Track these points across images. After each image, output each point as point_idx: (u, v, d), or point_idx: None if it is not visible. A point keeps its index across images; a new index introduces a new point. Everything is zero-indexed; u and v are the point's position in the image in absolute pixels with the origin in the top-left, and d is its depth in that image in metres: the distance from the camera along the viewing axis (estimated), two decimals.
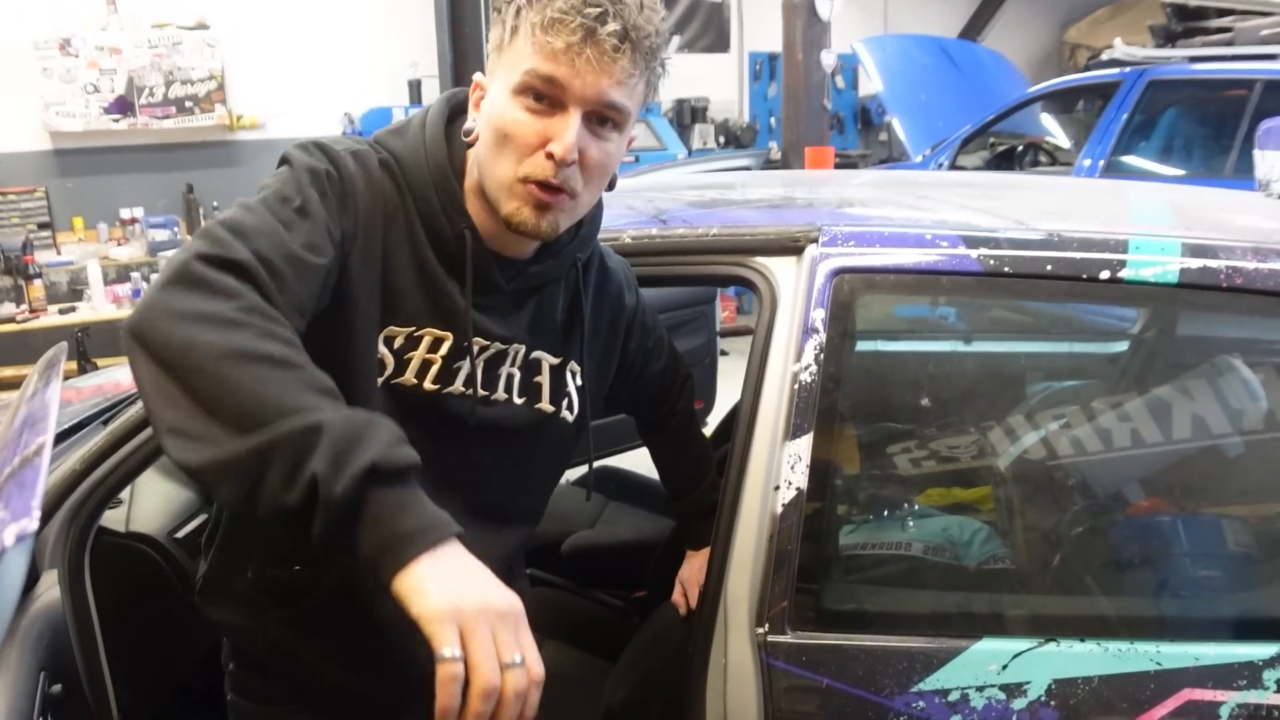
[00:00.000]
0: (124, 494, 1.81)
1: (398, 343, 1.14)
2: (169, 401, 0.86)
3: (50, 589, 1.42)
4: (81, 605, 1.46)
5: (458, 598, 0.83)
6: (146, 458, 1.49)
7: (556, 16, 1.05)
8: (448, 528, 0.86)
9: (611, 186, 1.23)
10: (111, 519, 1.74)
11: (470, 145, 1.16)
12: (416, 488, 0.88)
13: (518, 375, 1.23)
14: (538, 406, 1.26)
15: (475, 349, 1.18)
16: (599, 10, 1.05)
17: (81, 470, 1.48)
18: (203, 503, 1.99)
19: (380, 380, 1.14)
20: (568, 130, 1.07)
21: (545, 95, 1.07)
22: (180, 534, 1.88)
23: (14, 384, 4.74)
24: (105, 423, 1.75)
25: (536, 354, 1.25)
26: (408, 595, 0.83)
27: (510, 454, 1.26)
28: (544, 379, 1.26)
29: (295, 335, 0.94)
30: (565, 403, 1.28)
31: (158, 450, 1.46)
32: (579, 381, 1.30)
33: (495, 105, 1.11)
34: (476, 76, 1.17)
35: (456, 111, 1.22)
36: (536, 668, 0.85)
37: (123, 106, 7.72)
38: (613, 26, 1.05)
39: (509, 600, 0.86)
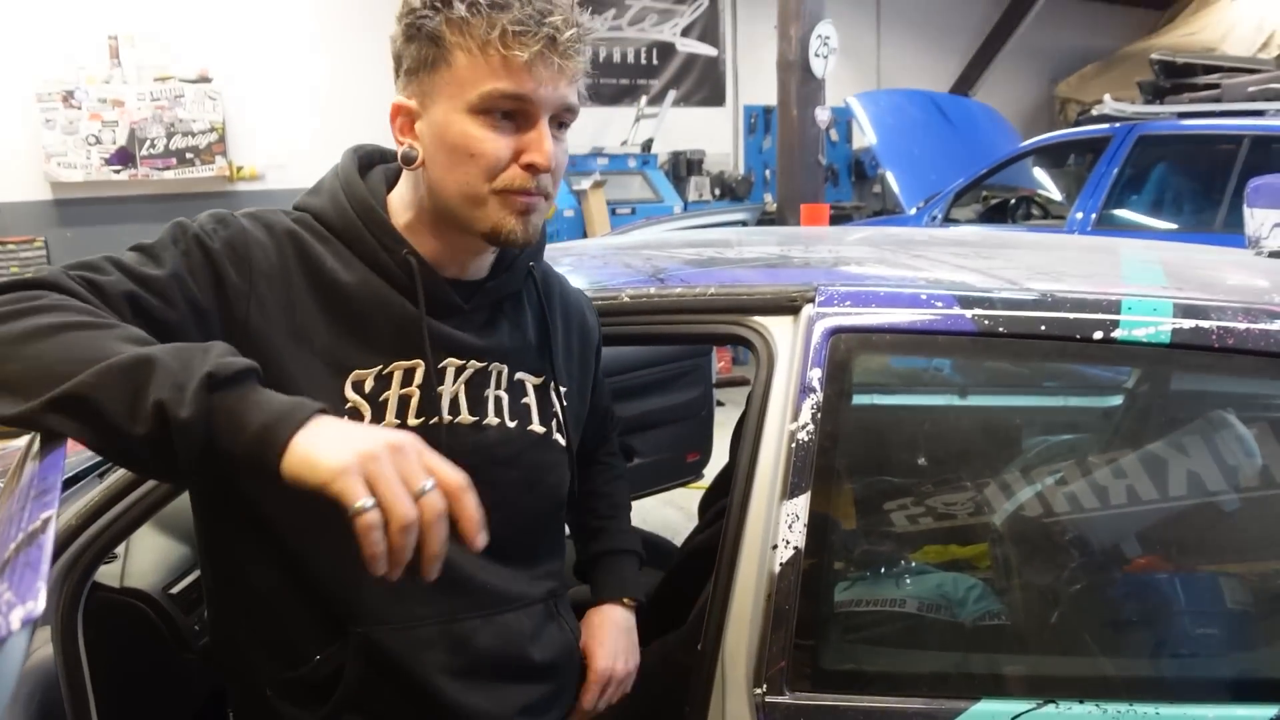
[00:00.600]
0: (119, 548, 1.80)
1: (368, 386, 1.10)
2: None
3: (42, 646, 1.41)
4: (74, 663, 1.45)
5: (348, 448, 0.83)
6: (143, 512, 1.48)
7: (518, 29, 1.04)
8: (310, 406, 0.87)
9: None
10: (106, 574, 1.73)
11: (397, 179, 1.17)
12: (261, 387, 0.89)
13: (505, 398, 1.19)
14: (530, 429, 1.21)
15: (452, 370, 1.15)
16: (558, 17, 1.05)
17: (77, 525, 1.47)
18: (197, 558, 1.97)
19: None
20: (544, 140, 1.07)
21: (510, 111, 1.07)
22: (175, 590, 1.86)
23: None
24: (101, 476, 1.75)
25: (519, 375, 1.21)
26: (300, 470, 0.84)
27: (514, 484, 1.20)
28: (530, 400, 1.22)
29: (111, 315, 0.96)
30: (555, 424, 1.24)
31: (155, 505, 1.46)
32: (563, 401, 1.26)
33: (450, 128, 1.08)
34: (396, 100, 1.16)
35: (365, 164, 1.22)
36: (452, 478, 0.86)
37: (124, 158, 7.79)
38: (570, 32, 1.06)
39: (399, 434, 0.87)
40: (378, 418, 1.11)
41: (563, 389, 1.26)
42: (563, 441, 1.25)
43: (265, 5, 8.41)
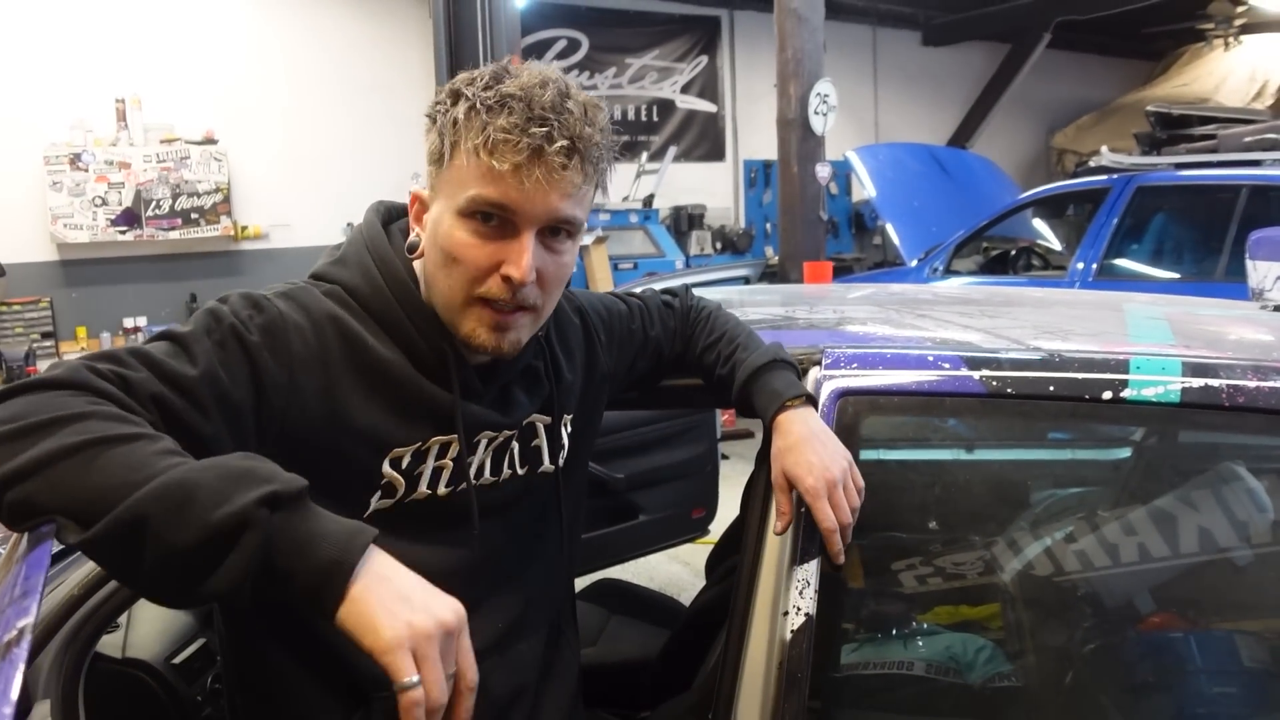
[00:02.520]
0: (121, 618, 1.78)
1: (405, 462, 1.12)
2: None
3: None
4: None
5: (406, 624, 0.83)
6: None
7: (500, 138, 1.01)
8: (364, 535, 0.86)
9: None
10: (108, 644, 1.71)
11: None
12: (315, 507, 0.87)
13: (518, 447, 1.23)
14: (540, 470, 1.26)
15: (484, 442, 1.18)
16: (544, 129, 1.02)
17: (79, 595, 1.46)
18: (200, 628, 1.95)
19: (392, 502, 1.12)
20: (523, 253, 1.05)
21: (494, 217, 1.05)
22: (178, 660, 1.84)
23: None
24: None
25: (530, 419, 1.25)
26: (356, 631, 0.84)
27: (526, 521, 1.27)
28: (541, 441, 1.26)
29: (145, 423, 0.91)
30: (561, 454, 1.29)
31: None
32: (569, 429, 1.31)
33: (440, 225, 1.08)
34: (414, 189, 1.15)
35: (386, 221, 1.21)
36: (470, 675, 0.87)
37: (130, 219, 7.86)
38: (560, 143, 1.02)
39: (452, 609, 0.87)
40: (411, 489, 1.13)
41: (568, 417, 1.31)
42: (566, 466, 1.30)
43: (270, 68, 8.55)
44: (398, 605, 0.84)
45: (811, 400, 1.31)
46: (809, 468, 1.23)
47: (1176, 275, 5.78)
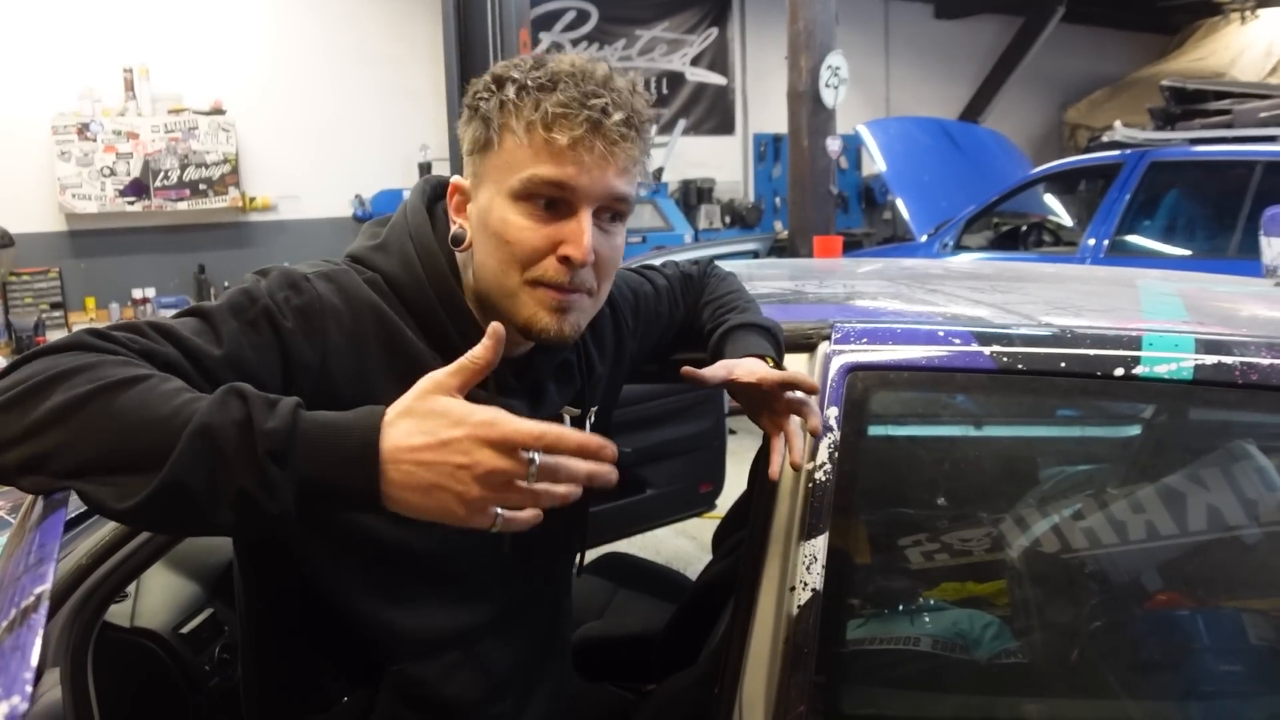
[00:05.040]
0: (129, 588, 1.79)
1: None
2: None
3: (51, 689, 1.39)
4: (84, 705, 1.43)
5: (435, 484, 0.80)
6: (154, 551, 1.47)
7: (560, 111, 1.00)
8: (373, 415, 0.83)
9: None
10: (116, 613, 1.72)
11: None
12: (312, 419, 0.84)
13: None
14: None
15: None
16: (602, 101, 1.01)
17: (88, 565, 1.46)
18: (208, 597, 1.96)
19: None
20: (583, 233, 1.02)
21: (552, 199, 1.03)
22: (186, 629, 1.85)
23: None
24: None
25: (558, 412, 1.24)
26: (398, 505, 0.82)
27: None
28: None
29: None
30: None
31: (166, 544, 1.45)
32: (592, 419, 1.30)
33: (491, 213, 1.06)
34: (454, 180, 1.13)
35: (432, 200, 1.18)
36: (557, 440, 0.82)
37: (138, 189, 7.86)
38: (617, 115, 1.01)
39: (463, 431, 0.81)
40: None
41: (594, 408, 1.30)
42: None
43: (278, 38, 8.51)
44: (426, 469, 0.80)
45: (779, 368, 1.29)
46: (764, 369, 1.24)
47: (1189, 252, 5.74)
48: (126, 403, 0.81)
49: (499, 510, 0.81)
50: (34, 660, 0.67)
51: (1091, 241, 5.88)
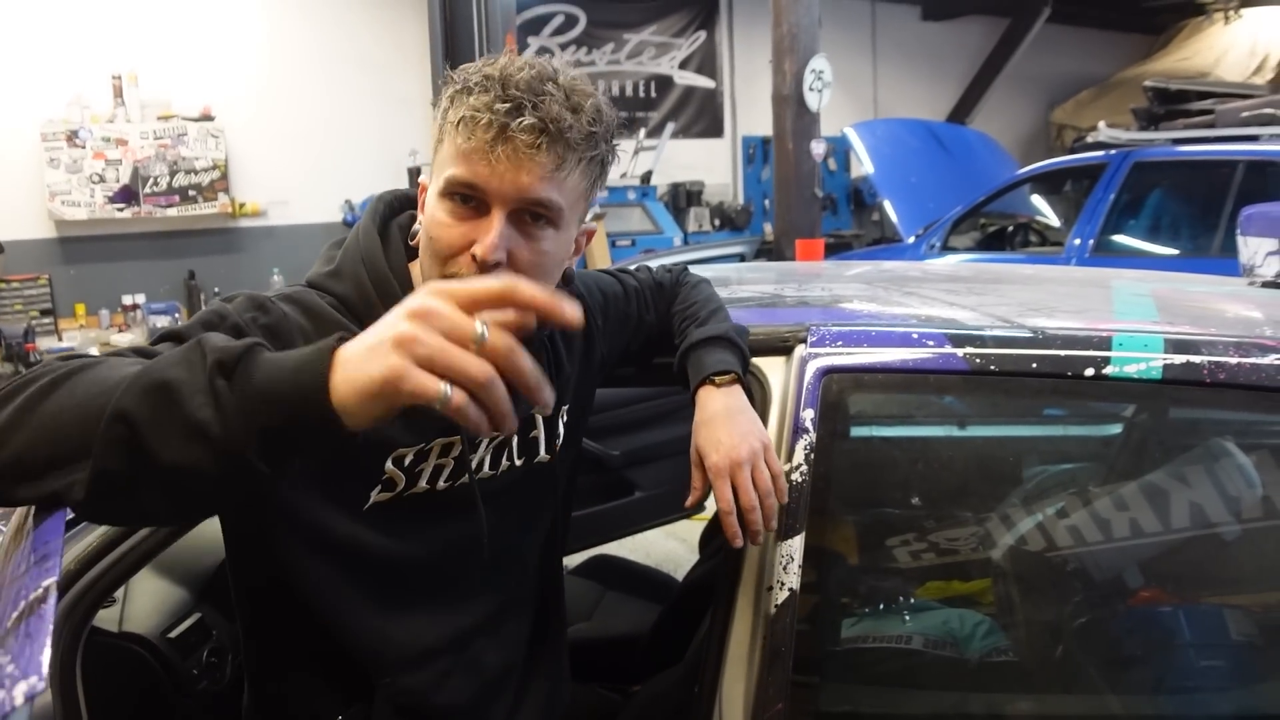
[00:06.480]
0: (117, 593, 1.80)
1: (408, 460, 1.14)
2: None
3: (40, 694, 1.40)
4: (72, 710, 1.44)
5: (384, 348, 0.76)
6: (142, 556, 1.48)
7: (469, 114, 1.03)
8: (324, 346, 0.80)
9: (568, 281, 1.24)
10: (104, 618, 1.73)
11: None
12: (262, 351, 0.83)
13: (516, 440, 1.25)
14: (536, 461, 1.28)
15: (486, 439, 1.20)
16: (509, 105, 1.02)
17: (76, 569, 1.47)
18: (196, 602, 1.97)
19: (391, 495, 1.14)
20: (489, 231, 1.04)
21: (469, 198, 1.06)
22: (174, 634, 1.86)
23: None
24: None
25: (529, 412, 1.26)
26: (354, 400, 0.77)
27: (521, 506, 1.29)
28: (539, 432, 1.28)
29: None
30: (557, 444, 1.31)
31: (154, 549, 1.46)
32: (565, 419, 1.32)
33: (427, 208, 1.10)
34: (422, 178, 1.16)
35: (389, 216, 1.20)
36: (500, 334, 0.77)
37: (127, 196, 7.85)
38: (527, 121, 1.02)
39: (417, 302, 0.78)
40: (411, 485, 1.15)
41: (565, 407, 1.32)
42: (563, 456, 1.32)
43: (266, 44, 8.51)
44: (373, 344, 0.77)
45: (740, 381, 1.30)
46: (715, 444, 1.23)
47: (1173, 251, 5.78)
48: (82, 381, 0.83)
49: (446, 387, 0.75)
50: (48, 644, 0.69)
51: (1077, 241, 5.92)
